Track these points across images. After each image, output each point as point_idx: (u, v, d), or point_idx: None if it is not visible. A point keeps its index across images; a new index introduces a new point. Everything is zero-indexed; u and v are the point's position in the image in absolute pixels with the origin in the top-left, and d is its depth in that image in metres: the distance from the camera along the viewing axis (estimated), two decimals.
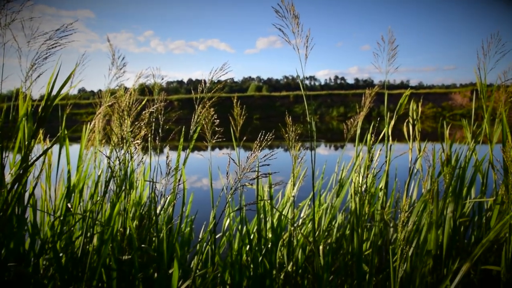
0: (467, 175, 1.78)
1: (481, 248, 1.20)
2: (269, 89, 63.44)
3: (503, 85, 1.82)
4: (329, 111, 34.15)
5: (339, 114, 33.00)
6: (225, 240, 1.96)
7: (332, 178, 2.02)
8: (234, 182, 1.08)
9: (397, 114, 1.69)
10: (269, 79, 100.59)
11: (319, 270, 1.27)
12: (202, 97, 1.40)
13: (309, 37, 1.31)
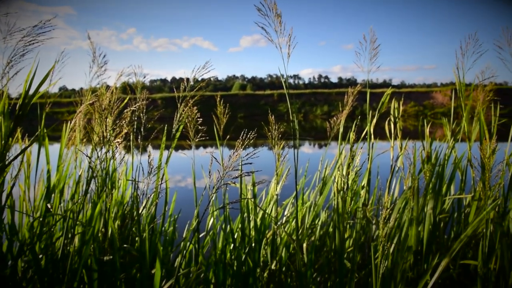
0: (447, 172, 1.82)
1: (459, 244, 1.23)
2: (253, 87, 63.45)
3: (480, 84, 1.87)
4: (313, 109, 34.38)
5: (323, 113, 33.26)
6: (209, 239, 1.96)
7: (315, 176, 2.03)
8: (216, 181, 1.08)
9: (379, 112, 1.72)
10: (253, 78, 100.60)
11: (301, 267, 1.28)
12: (185, 95, 1.39)
13: (291, 36, 1.31)
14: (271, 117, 1.43)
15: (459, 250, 1.73)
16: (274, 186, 1.85)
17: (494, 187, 1.48)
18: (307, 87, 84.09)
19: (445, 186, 1.81)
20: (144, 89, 1.79)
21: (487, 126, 1.81)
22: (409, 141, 1.83)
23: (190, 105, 1.50)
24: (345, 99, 1.69)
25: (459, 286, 1.69)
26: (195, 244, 1.78)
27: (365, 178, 1.82)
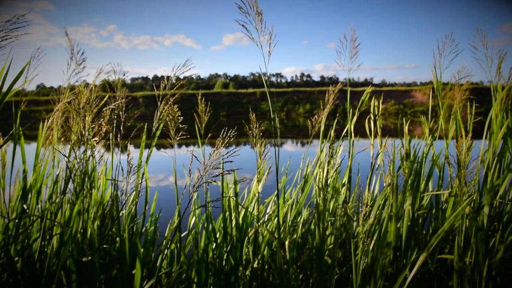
0: (425, 169, 1.85)
1: (436, 239, 1.26)
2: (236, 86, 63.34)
3: (457, 84, 1.91)
4: (295, 108, 34.54)
5: (305, 111, 33.47)
6: (191, 239, 1.95)
7: (297, 174, 2.05)
8: (197, 180, 1.07)
9: (359, 111, 1.74)
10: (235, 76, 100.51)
11: (281, 265, 1.28)
12: (165, 94, 1.37)
13: (272, 34, 1.31)
14: (252, 115, 1.43)
15: (437, 245, 1.77)
16: (256, 184, 1.86)
17: (469, 184, 1.52)
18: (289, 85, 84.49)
19: (424, 183, 1.85)
20: (124, 87, 1.76)
21: (464, 124, 1.86)
22: (389, 139, 1.86)
23: (171, 103, 1.48)
24: (326, 97, 1.71)
25: (437, 280, 1.73)
26: (176, 243, 1.77)
27: (346, 176, 1.84)
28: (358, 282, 1.21)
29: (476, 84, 28.67)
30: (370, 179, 1.64)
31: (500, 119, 1.66)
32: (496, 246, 1.54)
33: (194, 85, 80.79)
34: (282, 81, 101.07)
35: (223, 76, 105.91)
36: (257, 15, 1.31)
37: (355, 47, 1.65)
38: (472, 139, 1.80)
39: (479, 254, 1.40)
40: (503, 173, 1.69)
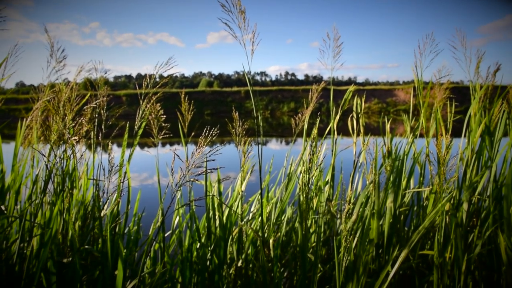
0: (407, 167, 1.88)
1: (417, 235, 1.28)
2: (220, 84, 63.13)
3: (438, 83, 1.95)
4: (280, 106, 34.62)
5: (289, 110, 33.59)
6: (174, 238, 1.93)
7: (281, 172, 2.05)
8: (179, 179, 1.06)
9: (342, 109, 1.76)
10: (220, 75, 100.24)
11: (264, 263, 1.29)
12: (147, 92, 1.36)
13: (255, 32, 1.31)
14: (235, 113, 1.42)
15: (418, 241, 1.81)
16: (240, 183, 1.85)
17: (449, 181, 1.55)
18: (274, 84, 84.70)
19: (405, 180, 1.88)
20: (106, 85, 1.73)
21: (444, 122, 1.90)
22: (371, 137, 1.89)
23: (153, 101, 1.47)
24: (310, 96, 1.71)
25: (419, 275, 1.76)
26: (160, 242, 1.75)
27: (329, 174, 1.85)
28: (341, 279, 1.22)
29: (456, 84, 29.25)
30: (353, 177, 1.66)
31: (478, 118, 1.70)
32: (474, 241, 1.58)
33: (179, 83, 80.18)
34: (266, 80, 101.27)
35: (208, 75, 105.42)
36: (240, 13, 1.31)
37: (338, 46, 1.66)
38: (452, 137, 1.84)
39: (458, 249, 1.43)
40: (481, 170, 1.73)
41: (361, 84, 66.97)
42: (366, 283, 1.40)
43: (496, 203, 1.57)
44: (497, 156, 1.63)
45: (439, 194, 1.41)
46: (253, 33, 1.32)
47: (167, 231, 1.98)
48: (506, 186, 1.37)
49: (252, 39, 1.32)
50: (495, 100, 1.72)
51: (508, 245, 1.34)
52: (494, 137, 1.66)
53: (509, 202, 1.35)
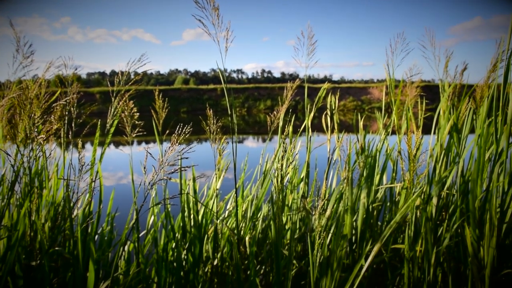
0: (380, 163, 1.93)
1: (389, 230, 1.31)
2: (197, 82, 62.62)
3: (409, 81, 2.00)
4: (256, 104, 34.67)
5: (266, 107, 33.69)
6: (149, 238, 1.91)
7: (256, 169, 2.06)
8: (152, 177, 1.05)
9: (316, 106, 1.77)
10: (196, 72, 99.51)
11: (238, 261, 1.29)
12: (119, 89, 1.33)
13: (229, 30, 1.31)
14: (210, 111, 1.42)
15: (391, 235, 1.85)
16: (216, 181, 1.85)
17: (420, 176, 1.60)
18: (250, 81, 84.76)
19: (378, 176, 1.92)
20: (78, 82, 1.69)
21: (415, 119, 1.95)
22: (346, 134, 1.91)
23: (126, 99, 1.44)
24: (285, 93, 1.72)
25: (391, 269, 1.80)
26: (134, 242, 1.72)
27: (304, 171, 1.87)
28: (315, 274, 1.23)
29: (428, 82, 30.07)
30: (327, 174, 1.68)
31: (446, 115, 1.76)
32: (443, 235, 1.63)
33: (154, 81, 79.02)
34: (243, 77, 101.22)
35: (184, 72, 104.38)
36: (214, 10, 1.30)
37: (312, 44, 1.67)
38: (423, 134, 1.89)
39: (428, 243, 1.48)
40: (449, 166, 1.79)
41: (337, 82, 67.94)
42: (340, 278, 1.42)
43: (463, 197, 1.62)
44: (464, 152, 1.69)
45: (410, 190, 1.45)
46: (227, 30, 1.31)
47: (142, 231, 1.95)
48: (472, 181, 1.42)
49: (226, 36, 1.32)
50: (462, 98, 1.78)
51: (474, 237, 1.39)
52: (462, 134, 1.72)
53: (474, 196, 1.40)
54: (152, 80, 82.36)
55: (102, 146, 1.59)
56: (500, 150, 1.46)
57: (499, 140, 1.45)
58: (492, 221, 1.31)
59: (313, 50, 1.69)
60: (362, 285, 1.56)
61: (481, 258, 1.40)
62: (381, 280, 1.88)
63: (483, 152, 1.49)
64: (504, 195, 1.49)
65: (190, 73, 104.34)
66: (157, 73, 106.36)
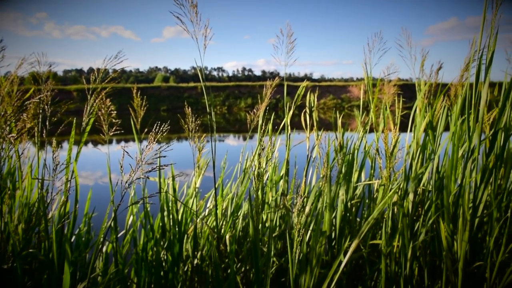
0: (358, 160, 1.96)
1: (367, 226, 1.33)
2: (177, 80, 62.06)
3: (386, 79, 2.03)
4: (237, 102, 34.61)
5: (246, 105, 33.68)
6: (128, 238, 1.88)
7: (236, 167, 2.06)
8: (130, 176, 1.03)
9: (295, 104, 1.78)
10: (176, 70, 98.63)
11: (217, 259, 1.29)
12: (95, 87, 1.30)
13: (207, 27, 1.30)
14: (188, 109, 1.40)
15: (369, 231, 1.88)
16: (195, 179, 1.84)
17: (397, 173, 1.63)
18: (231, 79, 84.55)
19: (357, 174, 1.95)
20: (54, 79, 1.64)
21: (393, 117, 1.98)
22: (325, 132, 1.93)
23: (103, 96, 1.41)
24: (264, 91, 1.73)
25: (370, 264, 1.83)
26: (112, 242, 1.70)
27: (284, 168, 1.88)
28: (295, 271, 1.24)
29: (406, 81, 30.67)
30: (306, 171, 1.70)
31: (422, 113, 1.80)
32: (419, 230, 1.67)
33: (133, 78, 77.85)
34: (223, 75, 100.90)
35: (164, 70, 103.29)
36: (192, 7, 1.29)
37: (291, 42, 1.68)
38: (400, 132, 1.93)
39: (405, 238, 1.51)
40: (425, 163, 1.83)
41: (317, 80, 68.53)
42: (320, 274, 1.44)
43: (438, 193, 1.66)
44: (439, 149, 1.73)
45: (387, 186, 1.47)
46: (205, 28, 1.30)
47: (121, 231, 1.92)
48: (447, 177, 1.46)
49: (205, 34, 1.31)
50: (437, 97, 1.82)
51: (448, 231, 1.43)
52: (437, 131, 1.76)
53: (448, 192, 1.44)
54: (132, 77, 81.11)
55: (78, 145, 1.55)
56: (473, 147, 1.51)
57: (472, 137, 1.49)
58: (464, 216, 1.35)
59: (292, 48, 1.69)
60: (341, 280, 1.58)
61: (454, 252, 1.45)
62: (360, 276, 1.91)
63: (457, 149, 1.53)
64: (476, 191, 1.54)
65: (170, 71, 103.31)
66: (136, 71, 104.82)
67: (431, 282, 1.67)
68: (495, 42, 1.41)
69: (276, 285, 1.84)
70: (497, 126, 1.54)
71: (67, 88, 31.35)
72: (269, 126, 1.57)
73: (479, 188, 1.54)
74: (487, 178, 1.55)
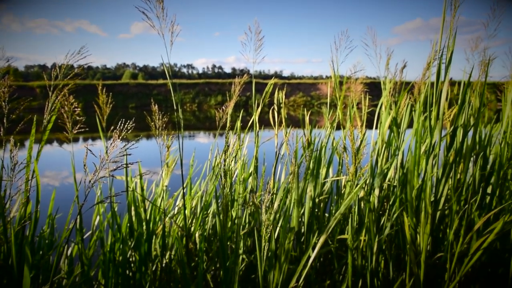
0: (326, 157, 1.99)
1: (334, 221, 1.36)
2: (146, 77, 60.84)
3: (353, 77, 2.08)
4: (207, 99, 34.36)
5: (217, 103, 33.51)
6: (95, 239, 1.83)
7: (205, 165, 2.05)
8: (93, 175, 1.00)
9: (263, 101, 1.79)
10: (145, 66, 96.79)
11: (183, 257, 1.28)
12: (57, 83, 1.25)
13: (174, 23, 1.28)
14: (155, 106, 1.38)
15: (337, 227, 1.92)
16: (164, 177, 1.81)
17: (363, 169, 1.67)
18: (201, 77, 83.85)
19: (325, 170, 1.98)
20: (11, 74, 1.57)
21: (360, 114, 2.03)
22: (294, 129, 1.95)
23: (66, 93, 1.36)
24: (233, 89, 1.72)
25: (338, 258, 1.87)
26: (78, 244, 1.65)
27: (252, 165, 1.89)
28: (263, 267, 1.25)
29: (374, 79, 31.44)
30: (275, 168, 1.71)
31: (387, 110, 1.85)
32: (385, 224, 1.72)
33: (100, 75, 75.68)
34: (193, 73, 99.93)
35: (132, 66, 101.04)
36: (158, 2, 1.27)
37: (259, 40, 1.68)
38: (366, 129, 1.97)
39: (371, 232, 1.55)
40: (390, 158, 1.88)
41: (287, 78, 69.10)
42: (289, 270, 1.45)
43: (402, 188, 1.72)
44: (403, 144, 1.79)
45: (353, 182, 1.51)
46: (172, 24, 1.28)
47: (87, 232, 1.87)
48: (410, 172, 1.51)
49: (171, 29, 1.29)
50: (401, 94, 1.88)
51: (411, 225, 1.48)
52: (401, 128, 1.82)
53: (412, 186, 1.49)
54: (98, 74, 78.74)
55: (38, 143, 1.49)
56: (434, 143, 1.57)
57: (433, 134, 1.55)
58: (426, 210, 1.40)
59: (260, 45, 1.70)
60: (310, 275, 1.61)
61: (418, 244, 1.50)
62: (329, 270, 1.95)
63: (419, 145, 1.59)
64: (438, 185, 1.60)
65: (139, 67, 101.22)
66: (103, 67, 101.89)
67: (396, 274, 1.72)
68: (453, 42, 1.47)
69: (246, 282, 1.84)
70: (456, 123, 1.61)
71: (29, 85, 30.08)
72: (237, 123, 1.57)
73: (440, 182, 1.61)
74: (447, 173, 1.61)
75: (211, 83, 36.58)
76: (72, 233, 1.65)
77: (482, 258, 1.67)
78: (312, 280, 1.62)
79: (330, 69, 1.86)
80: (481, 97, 1.65)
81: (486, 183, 1.77)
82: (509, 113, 1.77)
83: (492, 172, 1.76)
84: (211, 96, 34.62)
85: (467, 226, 1.57)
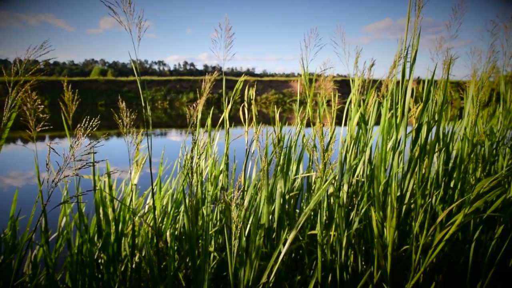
0: (297, 154, 2.01)
1: (304, 217, 1.38)
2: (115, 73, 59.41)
3: (322, 75, 2.11)
4: (179, 96, 33.93)
5: (189, 100, 33.15)
6: (61, 241, 1.78)
7: (176, 162, 2.02)
8: (57, 174, 0.97)
9: (233, 99, 1.79)
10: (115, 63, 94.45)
11: (151, 256, 1.26)
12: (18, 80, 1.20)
13: (142, 18, 1.25)
14: (122, 103, 1.35)
15: (307, 222, 1.95)
16: (134, 176, 1.78)
17: (332, 165, 1.70)
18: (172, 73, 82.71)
19: (295, 166, 2.00)
20: None
21: (330, 111, 2.06)
22: (265, 126, 1.96)
23: (27, 89, 1.31)
24: (203, 86, 1.71)
25: (308, 254, 1.90)
26: (42, 246, 1.59)
27: (223, 163, 1.88)
28: (235, 264, 1.26)
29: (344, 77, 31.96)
30: (245, 165, 1.71)
31: (356, 107, 1.89)
32: (353, 219, 1.76)
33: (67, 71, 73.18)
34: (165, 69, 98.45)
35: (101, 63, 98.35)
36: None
37: (229, 37, 1.68)
38: (336, 126, 2.01)
39: (340, 227, 1.58)
40: (359, 154, 1.93)
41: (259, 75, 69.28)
42: (260, 266, 1.46)
43: (370, 183, 1.76)
44: (370, 141, 1.83)
45: (322, 178, 1.53)
46: (140, 19, 1.26)
47: (54, 233, 1.81)
48: (377, 168, 1.55)
49: (139, 25, 1.26)
50: (369, 92, 1.93)
51: (378, 219, 1.52)
52: (369, 125, 1.86)
53: (378, 182, 1.53)
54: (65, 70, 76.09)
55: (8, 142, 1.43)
56: (400, 139, 1.61)
57: (398, 130, 1.60)
58: (392, 204, 1.44)
59: (230, 42, 1.69)
60: (281, 271, 1.63)
61: (385, 238, 1.55)
62: (300, 266, 1.97)
63: (386, 142, 1.63)
64: (403, 180, 1.65)
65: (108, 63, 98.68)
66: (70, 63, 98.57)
67: (365, 268, 1.77)
68: (418, 41, 1.52)
69: (218, 280, 1.84)
70: (421, 120, 1.67)
71: None
72: (208, 121, 1.56)
73: (406, 178, 1.66)
74: (412, 168, 1.67)
75: (183, 80, 36.12)
76: (37, 236, 1.60)
77: (445, 249, 1.74)
78: (283, 275, 1.64)
79: (300, 66, 1.88)
80: (444, 94, 1.71)
81: (449, 177, 1.84)
82: (469, 110, 1.85)
83: (454, 167, 1.83)
84: (183, 93, 34.20)
85: (431, 219, 1.63)
